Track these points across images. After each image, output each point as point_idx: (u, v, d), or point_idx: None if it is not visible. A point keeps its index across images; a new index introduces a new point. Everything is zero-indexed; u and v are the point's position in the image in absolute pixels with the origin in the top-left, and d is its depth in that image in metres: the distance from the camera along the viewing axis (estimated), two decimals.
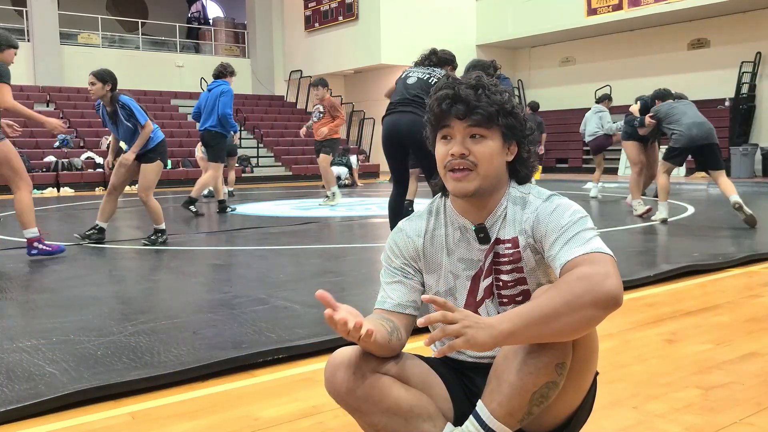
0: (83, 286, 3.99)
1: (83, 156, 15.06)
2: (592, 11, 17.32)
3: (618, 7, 16.72)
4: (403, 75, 4.89)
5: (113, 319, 3.14)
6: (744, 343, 2.76)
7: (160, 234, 5.68)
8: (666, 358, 2.60)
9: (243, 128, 18.45)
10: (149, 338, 2.79)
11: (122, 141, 5.64)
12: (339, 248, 5.48)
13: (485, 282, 1.58)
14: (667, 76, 16.77)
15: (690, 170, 15.17)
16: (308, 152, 16.49)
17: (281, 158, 18.10)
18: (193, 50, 22.84)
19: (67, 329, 2.95)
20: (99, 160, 14.74)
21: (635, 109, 7.45)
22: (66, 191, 13.67)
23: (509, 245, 1.55)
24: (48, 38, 17.70)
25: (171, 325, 3.02)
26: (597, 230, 1.46)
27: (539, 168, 12.26)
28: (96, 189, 13.75)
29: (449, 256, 1.61)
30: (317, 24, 20.33)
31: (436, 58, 4.85)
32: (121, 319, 3.13)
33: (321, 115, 9.07)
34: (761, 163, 15.10)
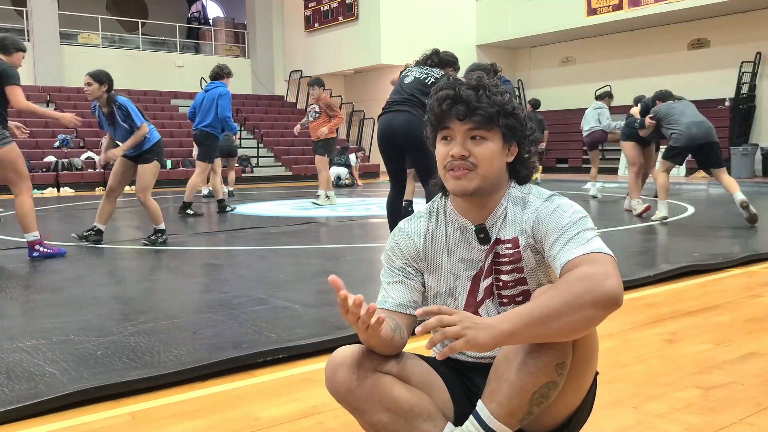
0: (83, 286, 3.99)
1: (83, 156, 15.06)
2: (592, 11, 17.32)
3: (618, 7, 16.72)
4: (402, 73, 4.88)
5: (113, 319, 3.14)
6: (744, 343, 2.76)
7: (160, 234, 5.68)
8: (666, 358, 2.60)
9: (243, 128, 18.45)
10: (149, 338, 2.79)
11: (119, 142, 5.63)
12: (339, 248, 5.48)
13: (485, 282, 1.58)
14: (667, 76, 16.77)
15: (690, 170, 15.17)
16: (308, 152, 16.48)
17: (281, 158, 18.11)
18: (193, 50, 22.84)
19: (67, 329, 2.95)
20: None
21: (636, 111, 7.46)
22: (66, 191, 13.67)
23: (509, 245, 1.55)
24: (48, 38, 17.70)
25: (171, 325, 3.02)
26: (597, 230, 1.46)
27: (539, 168, 12.24)
28: (96, 189, 13.75)
29: (449, 257, 1.61)
30: (317, 24, 20.33)
31: (438, 59, 4.79)
32: (121, 319, 3.13)
33: (317, 115, 9.05)
34: (761, 163, 15.10)
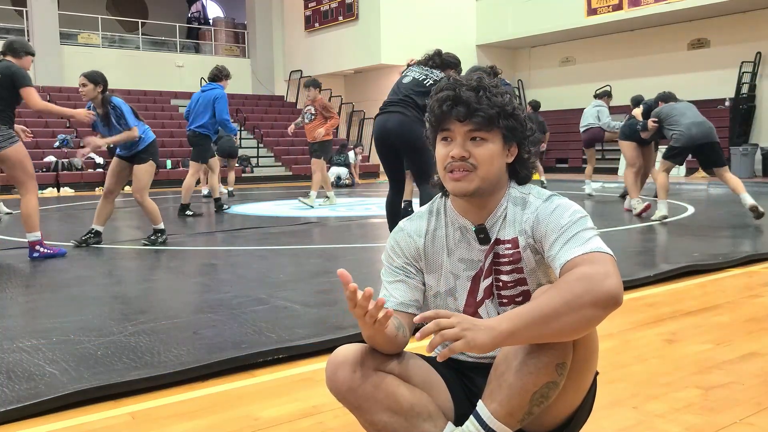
0: (83, 286, 3.99)
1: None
2: (592, 11, 17.32)
3: (618, 7, 16.72)
4: (403, 73, 4.87)
5: (113, 319, 3.14)
6: (744, 343, 2.76)
7: (160, 234, 5.68)
8: (666, 358, 2.60)
9: (243, 128, 18.45)
10: (149, 338, 2.79)
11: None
12: (339, 248, 5.48)
13: (485, 282, 1.58)
14: (667, 76, 16.77)
15: (690, 170, 15.17)
16: (308, 152, 16.47)
17: (281, 158, 18.11)
18: (193, 50, 22.84)
19: (67, 329, 2.95)
20: (99, 160, 14.74)
21: (638, 113, 7.44)
22: (66, 191, 13.68)
23: (509, 245, 1.55)
24: (48, 38, 17.70)
25: (171, 325, 3.02)
26: (597, 230, 1.46)
27: (542, 170, 12.21)
28: (96, 189, 13.75)
29: (449, 257, 1.61)
30: (317, 24, 20.33)
31: (440, 60, 4.74)
32: (121, 319, 3.13)
33: (313, 117, 9.01)
34: (761, 163, 15.10)
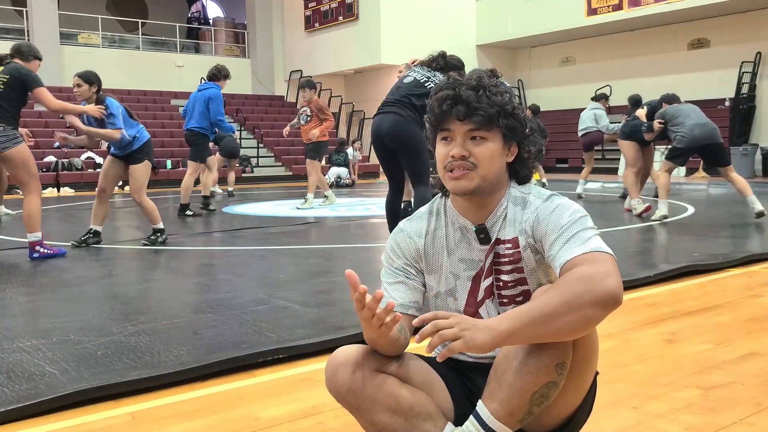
0: (83, 286, 4.00)
1: (83, 156, 15.06)
2: (592, 11, 17.32)
3: (618, 7, 16.73)
4: (400, 73, 4.86)
5: (113, 319, 3.14)
6: (744, 343, 2.76)
7: (159, 234, 5.68)
8: (666, 358, 2.60)
9: (243, 128, 18.45)
10: (149, 338, 2.79)
11: (111, 143, 5.67)
12: (339, 248, 5.48)
13: (485, 282, 1.58)
14: (667, 76, 16.78)
15: (690, 170, 15.17)
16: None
17: (281, 158, 18.11)
18: (193, 50, 22.85)
19: (67, 329, 2.95)
20: (99, 160, 14.74)
21: (642, 114, 7.42)
22: (66, 191, 13.68)
23: (509, 245, 1.55)
24: (48, 38, 17.70)
25: (171, 325, 3.02)
26: (597, 229, 1.46)
27: (543, 171, 12.22)
28: (96, 189, 13.74)
29: (450, 257, 1.61)
30: (317, 24, 20.34)
31: (444, 62, 4.65)
32: (121, 319, 3.13)
33: (308, 118, 8.99)
34: (761, 163, 15.11)
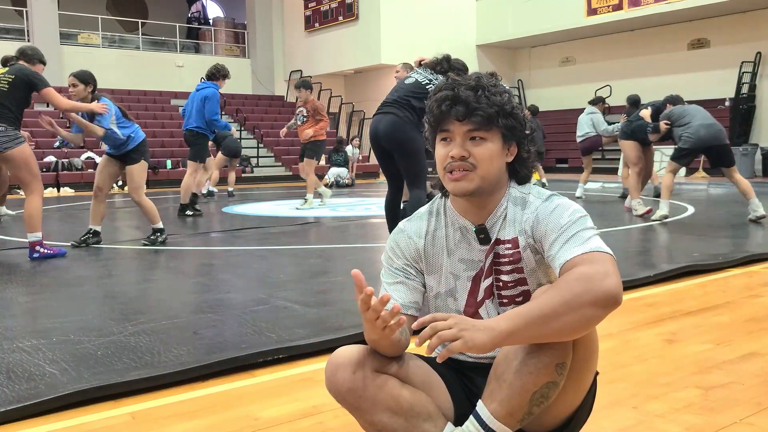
0: (83, 286, 4.00)
1: (83, 156, 15.07)
2: (592, 11, 17.32)
3: (618, 7, 16.73)
4: (402, 72, 4.86)
5: (113, 319, 3.14)
6: (744, 343, 2.76)
7: (159, 233, 5.68)
8: (666, 358, 2.60)
9: (243, 128, 18.45)
10: (149, 338, 2.79)
11: (104, 143, 5.70)
12: (339, 248, 5.48)
13: (485, 282, 1.58)
14: (667, 76, 16.78)
15: (690, 170, 15.17)
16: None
17: (281, 158, 18.11)
18: (193, 50, 22.85)
19: (67, 329, 2.95)
20: (99, 160, 14.73)
21: (647, 114, 7.37)
22: (66, 191, 13.69)
23: (509, 245, 1.55)
24: (48, 38, 17.70)
25: (171, 325, 3.02)
26: (597, 229, 1.46)
27: (542, 170, 12.22)
28: (93, 188, 13.75)
29: (450, 257, 1.61)
30: (317, 24, 20.34)
31: (448, 66, 4.63)
32: (121, 319, 3.13)
33: (305, 119, 8.98)
34: (761, 163, 15.11)
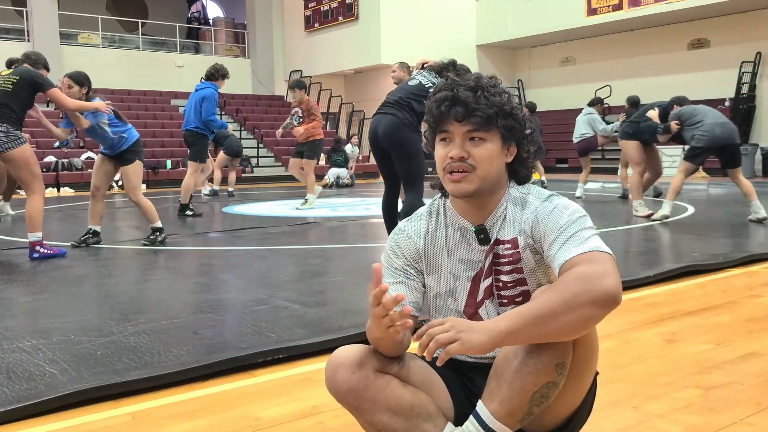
0: (83, 286, 4.00)
1: (83, 156, 15.07)
2: (592, 11, 17.32)
3: (618, 7, 16.73)
4: (412, 74, 4.85)
5: (113, 319, 3.14)
6: (744, 343, 2.76)
7: (159, 233, 5.68)
8: (666, 358, 2.60)
9: (243, 128, 18.45)
10: (149, 338, 2.79)
11: (93, 139, 5.72)
12: (339, 248, 5.48)
13: (485, 283, 1.58)
14: (667, 76, 16.79)
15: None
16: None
17: (281, 158, 18.10)
18: (193, 50, 22.85)
19: (67, 329, 2.95)
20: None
21: (654, 115, 7.30)
22: (66, 191, 13.69)
23: (509, 246, 1.55)
24: (48, 38, 17.71)
25: (171, 325, 3.02)
26: (596, 229, 1.46)
27: (542, 170, 12.22)
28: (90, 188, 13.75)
29: (449, 257, 1.61)
30: (317, 24, 20.34)
31: (453, 72, 4.56)
32: (121, 319, 3.13)
33: (300, 119, 8.97)
34: (761, 163, 15.11)
